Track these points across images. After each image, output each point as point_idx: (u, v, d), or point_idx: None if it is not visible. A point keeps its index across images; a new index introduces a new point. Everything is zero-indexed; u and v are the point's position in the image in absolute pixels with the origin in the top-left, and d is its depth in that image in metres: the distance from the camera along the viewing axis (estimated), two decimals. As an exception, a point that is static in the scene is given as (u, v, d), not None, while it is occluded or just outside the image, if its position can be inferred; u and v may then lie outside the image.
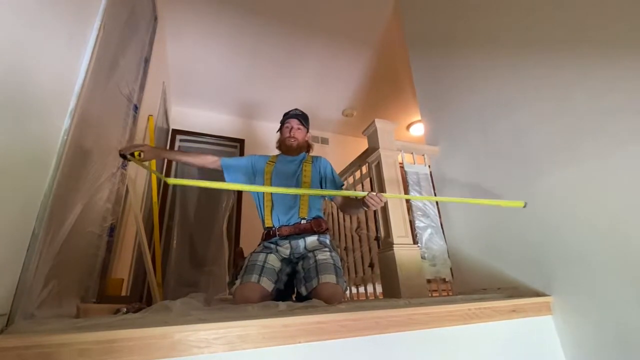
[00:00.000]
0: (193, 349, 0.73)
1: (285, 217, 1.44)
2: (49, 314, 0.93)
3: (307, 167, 1.56)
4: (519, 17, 1.56)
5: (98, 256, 1.46)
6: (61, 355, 0.65)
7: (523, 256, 1.45)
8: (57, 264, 0.97)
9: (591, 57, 1.24)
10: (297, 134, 1.62)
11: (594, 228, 1.19)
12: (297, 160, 1.61)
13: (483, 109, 1.73)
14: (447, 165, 1.95)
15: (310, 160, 1.61)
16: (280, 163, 1.59)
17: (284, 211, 1.44)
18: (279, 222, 1.44)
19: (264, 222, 1.48)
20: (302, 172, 1.54)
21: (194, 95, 3.71)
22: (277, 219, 1.44)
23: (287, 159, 1.61)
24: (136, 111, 1.86)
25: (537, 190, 1.40)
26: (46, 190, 0.87)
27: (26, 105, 0.79)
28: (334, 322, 0.88)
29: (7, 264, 0.76)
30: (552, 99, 1.38)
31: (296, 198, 1.47)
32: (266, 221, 1.47)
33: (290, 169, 1.56)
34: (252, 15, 2.75)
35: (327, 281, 1.20)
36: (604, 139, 1.17)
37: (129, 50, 1.64)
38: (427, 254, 1.73)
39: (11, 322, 0.76)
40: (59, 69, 0.93)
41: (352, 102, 3.99)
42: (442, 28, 2.16)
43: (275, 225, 1.44)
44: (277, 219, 1.44)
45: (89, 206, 1.24)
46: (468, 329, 1.08)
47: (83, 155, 1.15)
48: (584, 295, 1.20)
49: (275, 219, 1.44)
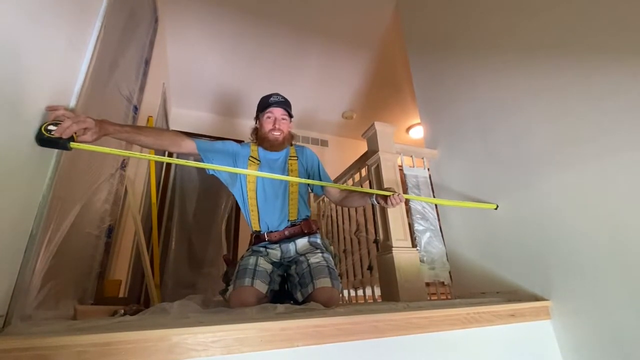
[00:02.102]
0: (191, 352, 0.73)
1: (275, 223, 1.37)
2: (47, 316, 0.92)
3: (293, 164, 1.44)
4: (519, 20, 1.57)
5: (96, 257, 1.45)
6: (58, 357, 0.65)
7: (522, 260, 1.45)
8: (54, 265, 0.97)
9: (591, 60, 1.25)
10: (283, 125, 1.42)
11: (592, 232, 1.19)
12: (281, 157, 1.46)
13: (482, 113, 1.74)
14: (446, 169, 1.96)
15: (294, 154, 1.46)
16: (265, 162, 1.43)
17: (272, 217, 1.37)
18: (267, 228, 1.38)
19: (252, 226, 1.40)
20: (288, 171, 1.42)
21: (193, 96, 3.71)
22: (265, 225, 1.38)
23: (271, 156, 1.44)
24: (136, 112, 1.86)
25: (536, 194, 1.40)
26: (44, 191, 0.87)
27: (25, 105, 0.79)
28: (333, 325, 0.88)
29: (5, 265, 0.76)
30: (552, 103, 1.38)
31: (284, 203, 1.38)
32: (253, 225, 1.39)
33: (275, 168, 1.43)
34: (253, 18, 2.76)
35: (322, 286, 1.19)
36: (604, 144, 1.17)
37: (130, 51, 1.64)
38: (426, 257, 1.73)
39: (8, 323, 0.75)
40: (59, 69, 0.93)
41: (351, 104, 4.00)
42: (441, 31, 2.17)
43: (263, 230, 1.38)
44: (265, 225, 1.38)
45: (88, 207, 1.24)
46: (467, 334, 1.08)
47: (82, 156, 1.14)
48: (582, 300, 1.20)
49: (263, 225, 1.38)
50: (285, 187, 1.41)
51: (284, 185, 1.41)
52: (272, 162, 1.44)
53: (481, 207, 1.58)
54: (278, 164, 1.45)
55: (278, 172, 1.40)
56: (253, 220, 1.40)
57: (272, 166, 1.44)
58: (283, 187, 1.41)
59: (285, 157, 1.46)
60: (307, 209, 1.47)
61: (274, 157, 1.46)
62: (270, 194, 1.39)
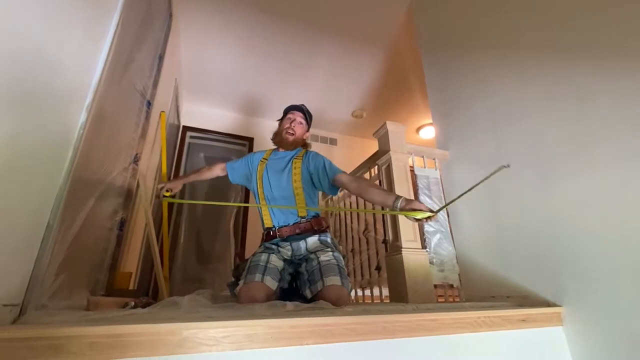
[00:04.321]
0: (201, 346, 0.73)
1: (284, 216, 1.42)
2: (60, 306, 0.94)
3: (297, 163, 1.49)
4: (535, 20, 1.54)
5: (108, 249, 1.47)
6: (72, 347, 0.66)
7: (533, 264, 1.42)
8: (69, 256, 0.98)
9: (609, 63, 1.21)
10: (298, 128, 1.56)
11: (607, 238, 1.16)
12: (288, 155, 1.54)
13: (495, 114, 1.71)
14: (458, 170, 1.93)
15: (301, 156, 1.53)
16: (272, 160, 1.55)
17: (282, 211, 1.43)
18: (278, 223, 1.42)
19: (264, 222, 1.47)
20: (292, 168, 1.48)
21: (205, 92, 3.74)
22: (275, 219, 1.43)
23: (279, 154, 1.56)
24: (149, 107, 1.87)
25: (550, 198, 1.38)
26: (62, 183, 0.88)
27: (45, 99, 0.80)
28: (342, 325, 0.88)
29: (22, 255, 0.77)
30: (568, 105, 1.35)
31: (292, 200, 1.44)
32: (265, 221, 1.46)
33: (279, 167, 1.51)
34: (265, 15, 2.76)
35: (332, 283, 1.20)
36: (621, 149, 1.14)
37: (145, 47, 1.66)
38: (436, 259, 1.72)
39: (23, 312, 0.77)
40: (77, 64, 0.94)
41: (361, 103, 3.97)
42: (455, 31, 2.14)
43: (275, 226, 1.42)
44: (275, 220, 1.43)
45: (101, 200, 1.26)
46: (477, 338, 1.07)
47: (97, 150, 1.16)
48: (596, 307, 1.17)
49: (274, 220, 1.43)
50: (287, 181, 1.46)
51: (287, 180, 1.46)
52: (278, 160, 1.54)
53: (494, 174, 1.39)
54: (283, 161, 1.53)
55: (280, 167, 1.51)
56: (265, 215, 1.45)
57: (276, 163, 1.53)
58: (286, 181, 1.46)
59: (291, 156, 1.54)
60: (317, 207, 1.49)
61: (281, 155, 1.56)
62: (275, 187, 1.47)
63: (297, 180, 1.45)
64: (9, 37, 0.67)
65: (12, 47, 0.67)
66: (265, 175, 1.49)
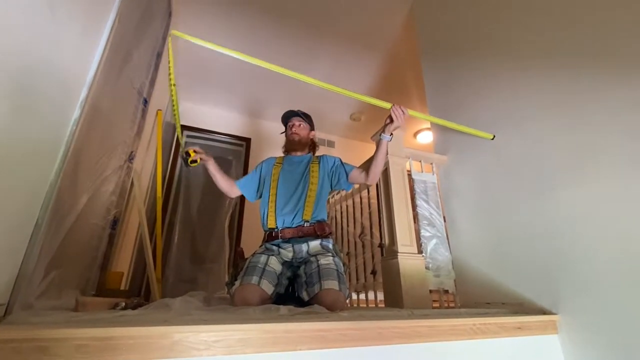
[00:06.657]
0: (192, 350, 0.71)
1: (289, 217, 1.42)
2: (48, 305, 0.91)
3: (314, 167, 1.56)
4: (535, 27, 1.54)
5: (99, 248, 1.45)
6: (58, 350, 0.63)
7: (530, 271, 1.41)
8: (58, 255, 0.96)
9: (609, 71, 1.21)
10: (299, 130, 1.66)
11: (604, 248, 1.16)
12: (304, 161, 1.61)
13: (494, 121, 1.71)
14: (456, 175, 1.93)
15: (317, 160, 1.61)
16: (287, 164, 1.59)
17: (287, 211, 1.43)
18: (282, 223, 1.42)
19: (267, 222, 1.46)
20: (309, 172, 1.54)
21: (202, 91, 3.71)
22: (280, 219, 1.43)
23: (294, 159, 1.61)
24: (146, 105, 1.85)
25: (547, 205, 1.37)
26: (52, 180, 0.86)
27: (37, 93, 0.78)
28: (336, 330, 0.86)
29: (9, 253, 0.75)
30: (567, 114, 1.35)
31: (301, 200, 1.45)
32: (269, 222, 1.45)
33: (297, 170, 1.56)
34: (265, 15, 2.75)
35: (329, 287, 1.18)
36: (621, 159, 1.14)
37: (143, 44, 1.64)
38: (432, 265, 1.70)
39: (9, 312, 0.75)
40: (72, 59, 0.92)
41: (360, 106, 3.97)
42: (456, 37, 2.15)
43: (278, 227, 1.42)
44: (280, 220, 1.43)
45: (94, 198, 1.24)
46: (472, 345, 1.05)
47: (91, 147, 1.14)
48: (592, 316, 1.17)
49: (279, 220, 1.43)
50: (304, 184, 1.50)
51: (303, 182, 1.50)
52: (293, 163, 1.60)
53: (477, 134, 1.63)
54: (301, 165, 1.59)
55: (299, 171, 1.56)
56: (270, 212, 1.45)
57: (294, 165, 1.58)
58: (302, 183, 1.50)
59: (308, 161, 1.62)
60: (324, 212, 1.50)
61: (297, 159, 1.62)
62: (289, 187, 1.50)
63: (314, 182, 1.51)
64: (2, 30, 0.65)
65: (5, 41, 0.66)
66: (282, 178, 1.54)
